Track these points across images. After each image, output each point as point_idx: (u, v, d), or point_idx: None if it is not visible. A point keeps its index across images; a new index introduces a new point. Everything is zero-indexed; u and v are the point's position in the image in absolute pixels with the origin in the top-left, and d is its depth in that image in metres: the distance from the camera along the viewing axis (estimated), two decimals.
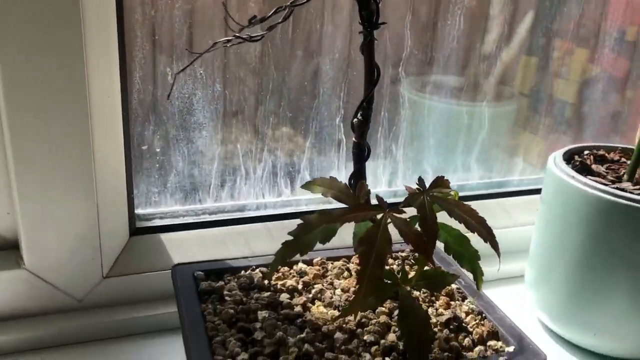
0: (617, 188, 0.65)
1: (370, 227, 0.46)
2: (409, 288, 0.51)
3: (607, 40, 0.92)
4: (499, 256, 0.50)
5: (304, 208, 0.78)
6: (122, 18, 0.61)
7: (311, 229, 0.49)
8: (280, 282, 0.59)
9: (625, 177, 0.70)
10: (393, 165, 0.82)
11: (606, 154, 0.76)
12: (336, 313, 0.54)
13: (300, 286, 0.58)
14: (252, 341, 0.51)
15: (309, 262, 0.63)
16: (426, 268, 0.53)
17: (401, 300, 0.49)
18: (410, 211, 0.49)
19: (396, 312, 0.54)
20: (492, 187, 0.90)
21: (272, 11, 0.48)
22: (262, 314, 0.54)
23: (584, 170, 0.71)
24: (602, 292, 0.66)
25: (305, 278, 0.59)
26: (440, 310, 0.56)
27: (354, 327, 0.52)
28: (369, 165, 0.55)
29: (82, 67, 0.57)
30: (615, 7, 0.91)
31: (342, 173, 0.79)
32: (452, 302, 0.58)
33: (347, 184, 0.54)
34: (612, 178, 0.70)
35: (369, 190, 0.52)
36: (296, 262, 0.62)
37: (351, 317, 0.53)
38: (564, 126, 0.95)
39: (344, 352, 0.50)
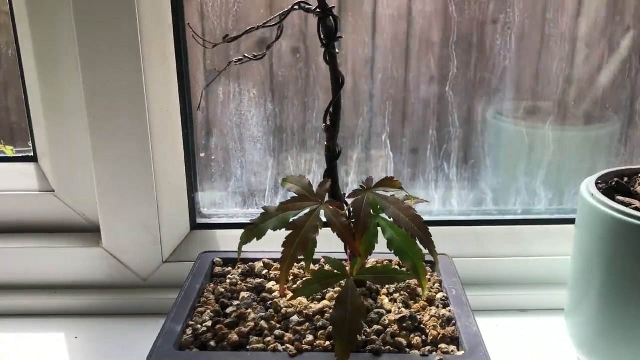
0: None
1: (303, 214, 0.51)
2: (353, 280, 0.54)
3: None
4: (433, 256, 0.51)
5: None
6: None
7: (268, 218, 0.55)
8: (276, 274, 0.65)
9: None
10: (446, 184, 0.83)
11: None
12: (313, 304, 0.59)
13: (290, 277, 0.64)
14: (224, 314, 0.58)
15: (316, 261, 0.68)
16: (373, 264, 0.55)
17: (342, 289, 0.53)
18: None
19: None
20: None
21: (243, 32, 0.56)
22: (244, 294, 0.61)
23: (616, 193, 0.65)
24: (636, 327, 0.60)
25: (297, 271, 0.65)
26: (402, 309, 0.57)
27: (313, 313, 0.57)
28: None
29: (140, 79, 0.71)
30: None
31: None
32: (430, 307, 0.59)
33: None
34: None
35: (330, 186, 0.57)
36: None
37: (313, 304, 0.58)
38: None
39: (293, 332, 0.55)
